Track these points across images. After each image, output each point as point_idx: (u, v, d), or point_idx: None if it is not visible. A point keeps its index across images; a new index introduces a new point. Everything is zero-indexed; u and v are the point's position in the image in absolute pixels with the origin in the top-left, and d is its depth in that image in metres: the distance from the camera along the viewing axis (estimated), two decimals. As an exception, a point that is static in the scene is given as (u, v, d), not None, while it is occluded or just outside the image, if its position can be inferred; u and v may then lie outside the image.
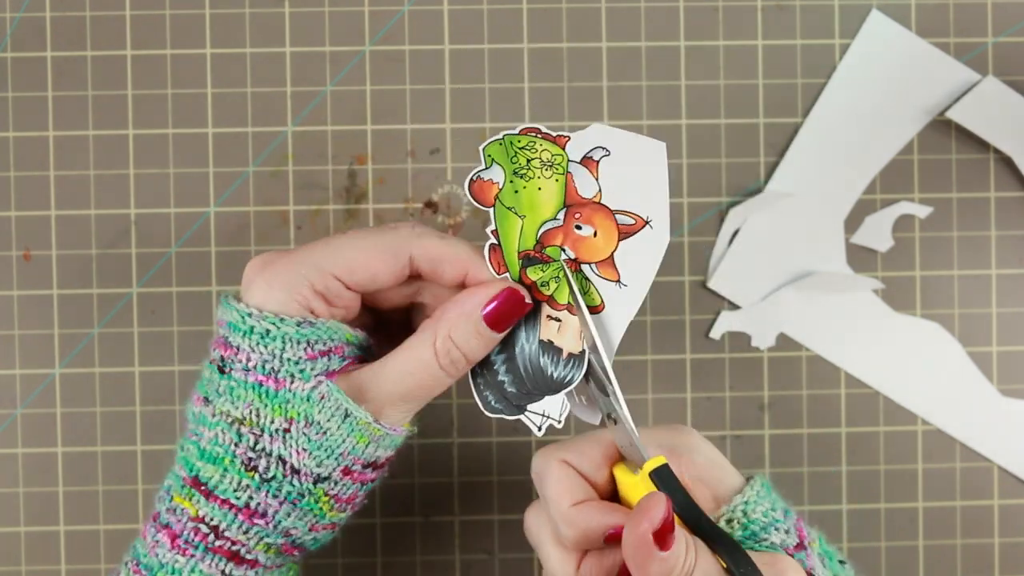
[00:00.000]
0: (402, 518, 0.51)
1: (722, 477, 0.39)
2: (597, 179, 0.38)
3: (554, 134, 0.38)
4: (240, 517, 0.37)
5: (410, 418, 0.39)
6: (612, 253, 0.38)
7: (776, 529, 0.38)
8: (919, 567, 0.51)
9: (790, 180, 0.51)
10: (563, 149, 0.38)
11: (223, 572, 0.37)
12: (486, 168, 0.38)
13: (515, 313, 0.37)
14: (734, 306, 0.51)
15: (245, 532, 0.37)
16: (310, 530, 0.38)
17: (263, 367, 0.37)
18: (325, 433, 0.37)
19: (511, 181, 0.38)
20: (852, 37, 0.51)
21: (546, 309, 0.38)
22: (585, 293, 0.38)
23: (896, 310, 0.51)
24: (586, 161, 0.38)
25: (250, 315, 0.37)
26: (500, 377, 0.38)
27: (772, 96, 0.51)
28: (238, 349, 0.37)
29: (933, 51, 0.51)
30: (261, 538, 0.37)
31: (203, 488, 0.37)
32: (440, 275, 0.38)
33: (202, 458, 0.38)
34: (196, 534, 0.37)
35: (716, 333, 0.51)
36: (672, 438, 0.39)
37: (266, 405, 0.37)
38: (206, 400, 0.38)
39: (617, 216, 0.38)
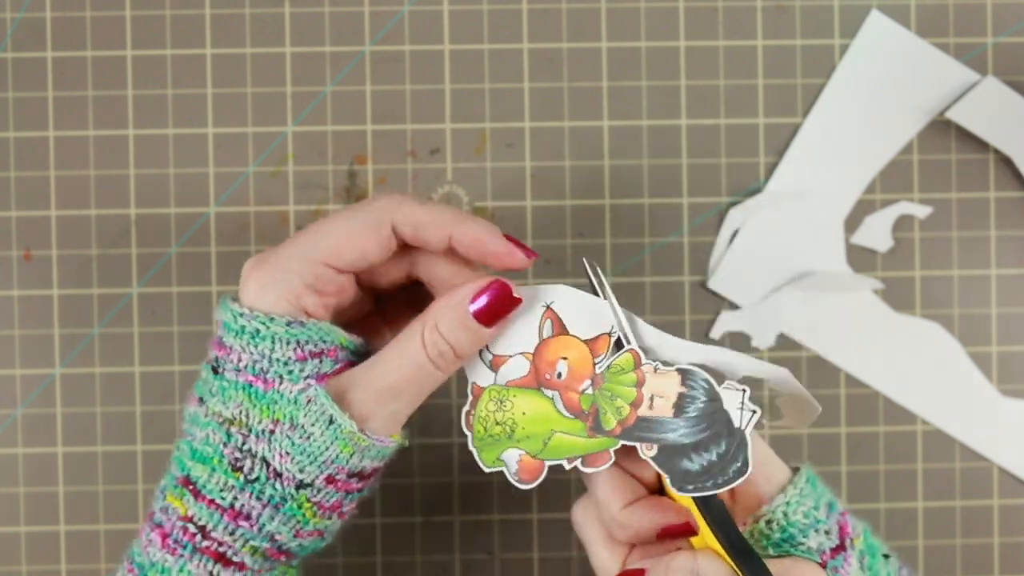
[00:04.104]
0: (402, 518, 0.51)
1: (768, 475, 0.38)
2: (511, 356, 0.38)
3: (480, 387, 0.38)
4: (225, 518, 0.37)
5: (399, 425, 0.38)
6: (586, 341, 0.37)
7: (816, 531, 0.38)
8: (919, 567, 0.51)
9: (790, 180, 0.51)
10: (497, 368, 0.38)
11: (211, 573, 0.37)
12: (507, 467, 0.37)
13: (503, 307, 0.37)
14: (734, 306, 0.51)
15: (231, 534, 0.37)
16: (295, 536, 0.38)
17: (253, 367, 0.37)
18: (308, 438, 0.36)
19: (517, 441, 0.37)
20: (852, 37, 0.51)
21: (643, 411, 0.36)
22: (623, 371, 0.37)
23: (896, 310, 0.51)
24: (493, 362, 0.38)
25: (241, 315, 0.37)
26: (714, 457, 0.36)
27: (772, 96, 0.51)
28: (231, 349, 0.37)
29: (933, 51, 0.51)
30: (247, 540, 0.37)
31: (192, 487, 0.37)
32: (425, 240, 0.38)
33: (193, 457, 0.38)
34: (184, 533, 0.37)
35: (716, 333, 0.51)
36: None
37: (255, 405, 0.37)
38: (200, 400, 0.38)
39: (584, 342, 0.37)
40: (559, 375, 0.37)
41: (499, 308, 0.37)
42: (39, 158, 0.50)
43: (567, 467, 0.37)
